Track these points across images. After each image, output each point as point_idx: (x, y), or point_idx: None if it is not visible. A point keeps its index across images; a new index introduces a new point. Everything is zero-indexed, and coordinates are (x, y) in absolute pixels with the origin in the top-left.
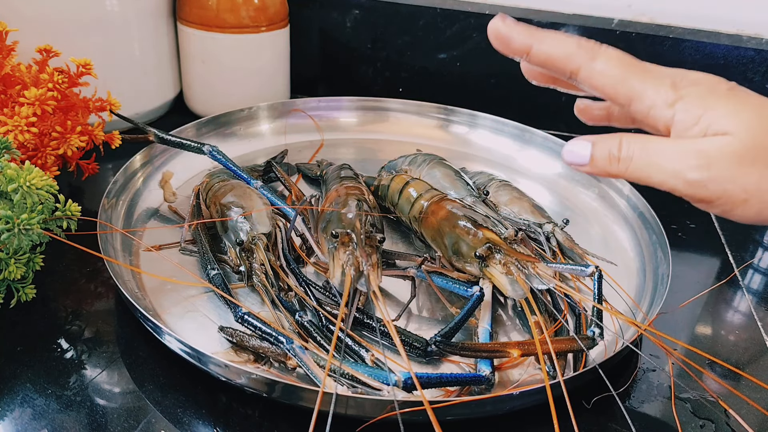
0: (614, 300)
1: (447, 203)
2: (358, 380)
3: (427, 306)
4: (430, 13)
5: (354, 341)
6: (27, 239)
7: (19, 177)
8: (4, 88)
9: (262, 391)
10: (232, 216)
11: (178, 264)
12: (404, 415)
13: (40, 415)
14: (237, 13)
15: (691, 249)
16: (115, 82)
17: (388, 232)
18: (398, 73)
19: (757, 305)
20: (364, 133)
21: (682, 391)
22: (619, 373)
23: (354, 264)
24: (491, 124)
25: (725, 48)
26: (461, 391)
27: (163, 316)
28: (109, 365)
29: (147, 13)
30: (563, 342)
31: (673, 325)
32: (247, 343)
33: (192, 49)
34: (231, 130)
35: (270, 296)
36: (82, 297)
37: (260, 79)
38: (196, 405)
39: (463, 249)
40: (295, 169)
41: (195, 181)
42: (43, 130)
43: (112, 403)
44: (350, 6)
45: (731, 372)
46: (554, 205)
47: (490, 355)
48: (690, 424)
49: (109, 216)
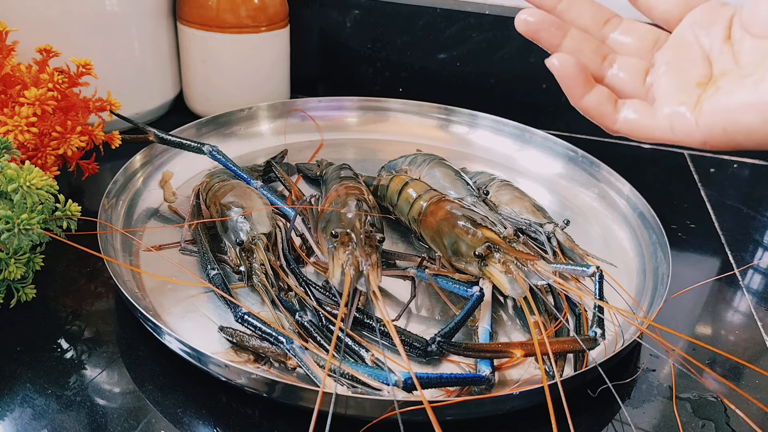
0: (614, 300)
1: (446, 203)
2: (358, 380)
3: (427, 306)
4: (430, 13)
5: (354, 341)
6: (27, 239)
7: (19, 177)
8: (4, 88)
9: (262, 391)
10: (232, 216)
11: (178, 264)
12: (404, 415)
13: (40, 416)
14: (237, 13)
15: (691, 249)
16: (115, 82)
17: (388, 232)
18: (398, 73)
19: (757, 305)
20: (364, 133)
21: (683, 391)
22: (619, 373)
23: (354, 264)
24: (491, 124)
25: None
26: (461, 391)
27: (163, 316)
28: (109, 365)
29: (147, 13)
30: (564, 342)
31: (673, 325)
32: (247, 343)
33: (192, 49)
34: (231, 130)
35: (270, 296)
36: (82, 297)
37: (260, 79)
38: (196, 405)
39: (462, 249)
40: (295, 169)
41: (195, 181)
42: (43, 130)
43: (112, 403)
44: (350, 6)
45: (731, 371)
46: (554, 205)
47: (493, 356)
48: (690, 424)
49: (109, 216)
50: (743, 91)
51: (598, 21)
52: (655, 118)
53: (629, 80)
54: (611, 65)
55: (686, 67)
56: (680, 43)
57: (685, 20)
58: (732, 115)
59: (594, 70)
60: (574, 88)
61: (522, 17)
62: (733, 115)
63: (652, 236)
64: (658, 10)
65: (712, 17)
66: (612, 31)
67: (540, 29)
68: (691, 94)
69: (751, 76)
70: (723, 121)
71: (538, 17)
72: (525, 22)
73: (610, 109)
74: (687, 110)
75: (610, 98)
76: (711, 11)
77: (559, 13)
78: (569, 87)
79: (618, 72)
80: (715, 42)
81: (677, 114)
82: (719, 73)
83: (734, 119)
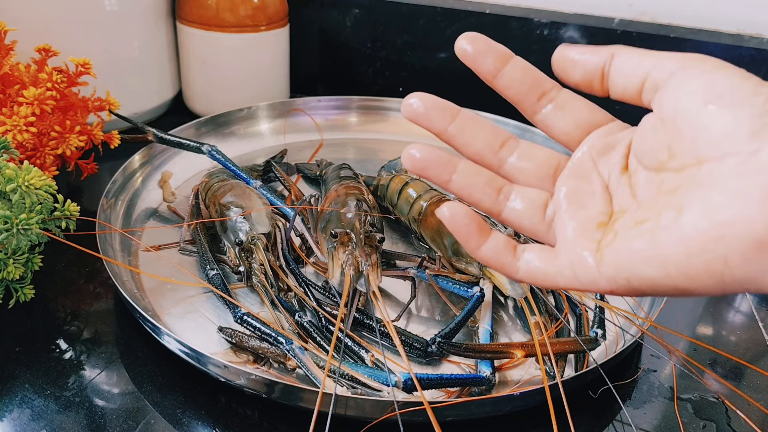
0: (615, 300)
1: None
2: (357, 381)
3: (427, 306)
4: (430, 13)
5: (354, 342)
6: (26, 239)
7: (17, 177)
8: (3, 88)
9: (262, 391)
10: (232, 216)
11: (178, 264)
12: (404, 415)
13: (38, 416)
14: (236, 12)
15: None
16: (114, 82)
17: (388, 232)
18: (398, 73)
19: (758, 305)
20: (364, 133)
21: (684, 392)
22: (620, 374)
23: (353, 264)
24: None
25: (726, 47)
26: (461, 392)
27: (162, 317)
28: (108, 366)
29: (146, 13)
30: (565, 343)
31: (674, 325)
32: (247, 343)
33: (191, 48)
34: (230, 130)
35: (269, 296)
36: (81, 297)
37: (260, 79)
38: (196, 406)
39: (462, 249)
40: (295, 169)
41: (194, 180)
42: (41, 129)
43: (111, 403)
44: (350, 5)
45: (732, 372)
46: None
47: (494, 356)
48: (691, 424)
49: (108, 216)
50: (640, 239)
51: (493, 144)
52: (558, 264)
53: (527, 214)
54: (507, 198)
55: (585, 202)
56: (579, 172)
57: (583, 143)
58: (632, 266)
59: (489, 206)
60: (469, 239)
61: (411, 152)
62: (633, 267)
63: None
64: (557, 131)
65: (611, 142)
66: (509, 155)
67: (426, 167)
68: (591, 238)
69: (647, 221)
70: (625, 272)
71: (426, 154)
72: (412, 159)
73: (510, 257)
74: (589, 255)
75: (507, 246)
76: (609, 134)
77: (449, 136)
78: (463, 238)
79: (515, 205)
80: (614, 171)
81: (580, 260)
82: (618, 210)
83: (635, 271)
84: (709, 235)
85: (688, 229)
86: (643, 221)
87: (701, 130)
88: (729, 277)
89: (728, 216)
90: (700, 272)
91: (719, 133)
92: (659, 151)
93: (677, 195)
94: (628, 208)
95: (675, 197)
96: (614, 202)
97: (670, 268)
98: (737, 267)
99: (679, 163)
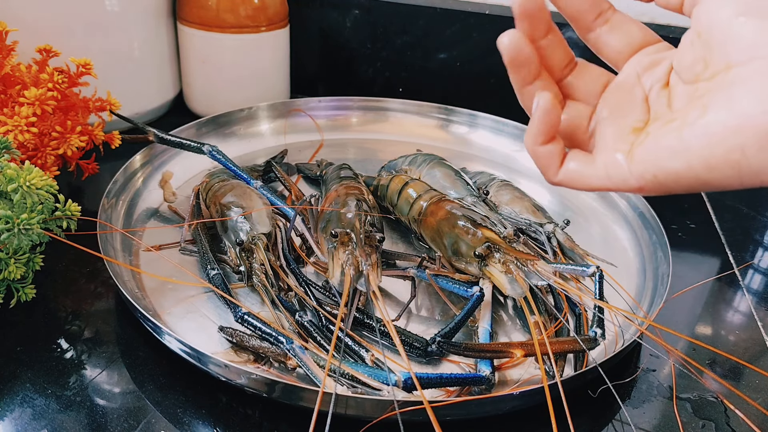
0: (615, 300)
1: (446, 204)
2: (358, 380)
3: (427, 306)
4: (430, 13)
5: (354, 341)
6: (27, 239)
7: (18, 177)
8: (4, 88)
9: (262, 391)
10: (232, 216)
11: (178, 264)
12: (404, 415)
13: (39, 416)
14: (237, 12)
15: (691, 249)
16: (115, 82)
17: (388, 232)
18: (398, 73)
19: (757, 305)
20: (364, 133)
21: (683, 391)
22: (619, 373)
23: (353, 264)
24: (491, 124)
25: None
26: (461, 392)
27: (163, 316)
28: (109, 365)
29: (147, 13)
30: (565, 342)
31: (673, 325)
32: (247, 343)
33: (192, 49)
34: (231, 130)
35: (270, 296)
36: (82, 297)
37: (260, 79)
38: (196, 405)
39: (462, 249)
40: (295, 169)
41: (195, 181)
42: (43, 130)
43: (112, 403)
44: (350, 6)
45: (732, 372)
46: (554, 205)
47: (493, 356)
48: (691, 424)
49: (109, 216)
50: (668, 136)
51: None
52: (594, 167)
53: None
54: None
55: (626, 112)
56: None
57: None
58: (659, 161)
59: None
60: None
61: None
62: (660, 162)
63: (653, 236)
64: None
65: (656, 60)
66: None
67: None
68: (626, 141)
69: (675, 121)
70: (652, 167)
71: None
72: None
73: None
74: (622, 157)
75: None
76: (656, 53)
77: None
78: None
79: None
80: (656, 86)
81: (613, 162)
82: (653, 117)
83: (661, 165)
84: (728, 125)
85: (711, 123)
86: (671, 121)
87: (732, 38)
88: (746, 166)
89: (746, 109)
90: (719, 162)
91: (748, 40)
92: (696, 64)
93: (705, 97)
94: (661, 116)
95: (703, 99)
96: (651, 112)
97: (693, 160)
98: (753, 156)
99: (712, 71)
